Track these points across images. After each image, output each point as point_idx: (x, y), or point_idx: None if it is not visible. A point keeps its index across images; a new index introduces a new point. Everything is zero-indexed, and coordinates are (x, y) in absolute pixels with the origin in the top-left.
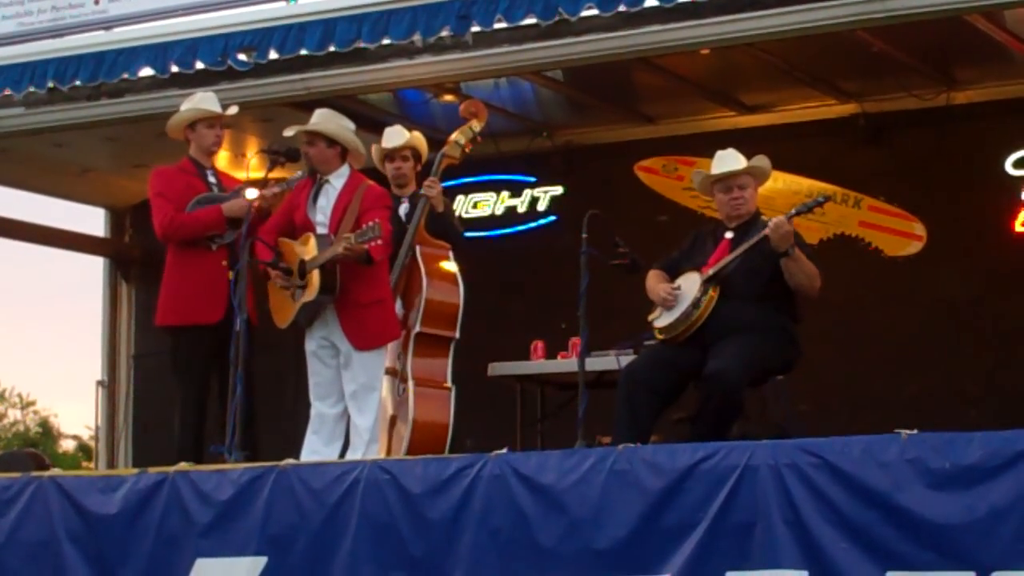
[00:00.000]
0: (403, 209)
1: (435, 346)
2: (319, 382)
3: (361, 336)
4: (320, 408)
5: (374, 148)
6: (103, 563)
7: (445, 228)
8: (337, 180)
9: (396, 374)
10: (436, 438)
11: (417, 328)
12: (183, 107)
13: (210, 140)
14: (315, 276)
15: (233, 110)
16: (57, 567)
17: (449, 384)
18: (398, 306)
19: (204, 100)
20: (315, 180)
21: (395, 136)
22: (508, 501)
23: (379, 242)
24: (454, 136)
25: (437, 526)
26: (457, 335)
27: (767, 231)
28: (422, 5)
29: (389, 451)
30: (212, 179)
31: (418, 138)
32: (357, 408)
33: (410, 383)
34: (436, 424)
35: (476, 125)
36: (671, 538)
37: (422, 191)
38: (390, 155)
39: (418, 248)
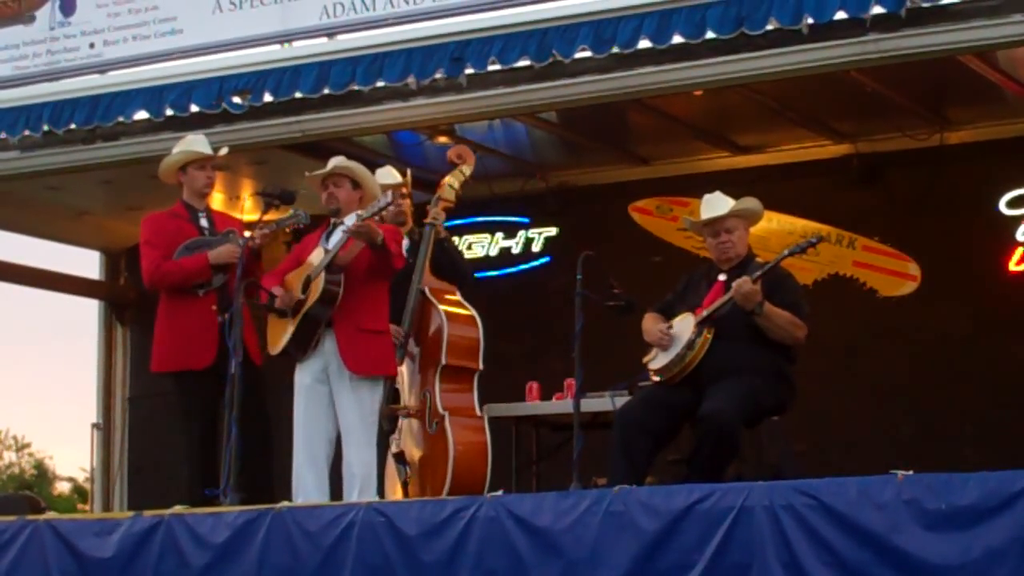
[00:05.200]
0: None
1: (461, 378)
2: (311, 419)
3: (359, 361)
4: (312, 449)
5: None
6: None
7: (453, 262)
8: (350, 220)
9: (420, 415)
10: (478, 464)
11: (443, 361)
12: (174, 150)
13: (201, 182)
14: (318, 283)
15: (223, 151)
16: None
17: (480, 413)
18: (411, 345)
19: (193, 143)
20: (329, 224)
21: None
22: (503, 543)
23: (392, 208)
24: (447, 180)
25: (432, 568)
26: (481, 367)
27: (731, 294)
28: (416, 48)
29: (425, 490)
30: (204, 222)
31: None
32: (356, 441)
33: (446, 415)
34: (477, 450)
35: (466, 169)
36: None
37: (426, 221)
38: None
39: (425, 288)
